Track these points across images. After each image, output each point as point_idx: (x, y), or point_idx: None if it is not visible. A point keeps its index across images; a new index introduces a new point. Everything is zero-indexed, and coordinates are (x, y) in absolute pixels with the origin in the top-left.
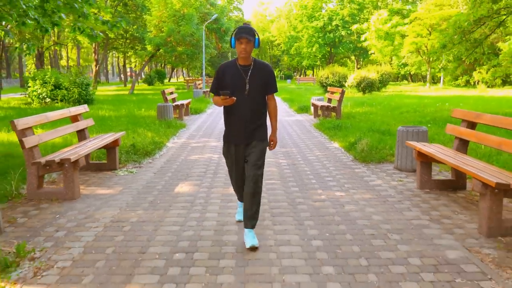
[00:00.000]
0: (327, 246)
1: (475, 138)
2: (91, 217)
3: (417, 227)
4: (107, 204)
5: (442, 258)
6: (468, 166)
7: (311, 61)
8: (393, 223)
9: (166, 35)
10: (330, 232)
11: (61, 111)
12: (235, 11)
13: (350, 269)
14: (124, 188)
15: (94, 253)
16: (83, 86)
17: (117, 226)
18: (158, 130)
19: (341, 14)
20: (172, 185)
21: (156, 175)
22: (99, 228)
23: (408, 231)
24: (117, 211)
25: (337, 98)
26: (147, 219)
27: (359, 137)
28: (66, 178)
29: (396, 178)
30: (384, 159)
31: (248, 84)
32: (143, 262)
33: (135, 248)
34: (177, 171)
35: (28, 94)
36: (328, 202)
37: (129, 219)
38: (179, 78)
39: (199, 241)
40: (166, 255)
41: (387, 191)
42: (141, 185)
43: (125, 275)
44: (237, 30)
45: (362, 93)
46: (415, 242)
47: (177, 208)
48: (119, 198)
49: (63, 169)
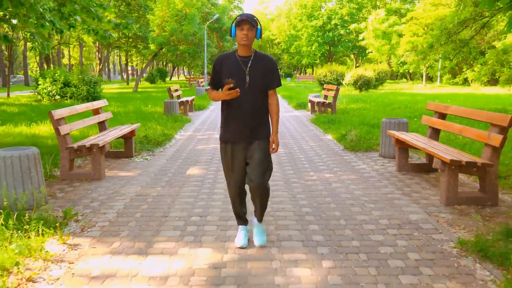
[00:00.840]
0: (314, 212)
1: (443, 127)
2: (118, 192)
3: (390, 199)
4: (130, 183)
5: (406, 219)
6: (433, 148)
7: (310, 60)
8: (371, 196)
9: (169, 34)
10: (317, 202)
11: (86, 105)
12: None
13: (331, 227)
14: (142, 172)
15: (126, 217)
16: (91, 84)
17: (141, 199)
18: (166, 124)
19: (340, 13)
20: (184, 169)
21: (168, 162)
22: (126, 200)
23: (381, 202)
24: (139, 188)
25: (332, 95)
26: (166, 193)
27: (349, 130)
28: (94, 161)
29: (379, 163)
30: (371, 148)
31: (248, 76)
32: (166, 222)
33: (158, 213)
34: (187, 158)
35: (38, 92)
36: (318, 181)
37: (150, 193)
38: (180, 76)
39: (210, 209)
40: (184, 218)
41: (370, 173)
42: (157, 169)
43: (153, 231)
44: (238, 17)
45: (359, 90)
46: (386, 209)
47: (189, 186)
48: (139, 179)
49: (92, 153)
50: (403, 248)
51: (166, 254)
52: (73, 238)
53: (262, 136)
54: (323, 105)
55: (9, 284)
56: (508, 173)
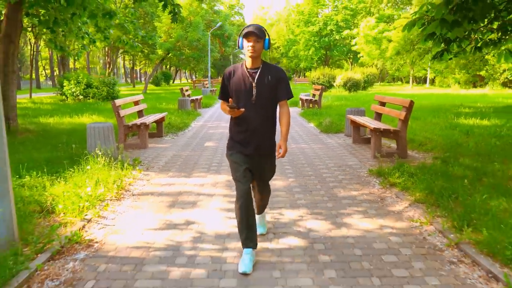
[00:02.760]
0: (290, 163)
1: (381, 110)
2: (161, 154)
3: (340, 155)
4: (166, 150)
5: (345, 164)
6: (369, 123)
7: (308, 63)
8: (328, 155)
9: (175, 40)
10: (293, 159)
11: (130, 98)
12: (236, 15)
13: (298, 169)
14: (173, 145)
15: (171, 164)
16: (111, 85)
17: (178, 156)
18: (182, 116)
19: (335, 20)
20: (201, 143)
21: (189, 139)
22: (168, 157)
23: (334, 157)
24: (174, 152)
25: (318, 93)
26: (193, 154)
27: (325, 118)
28: (142, 135)
29: (342, 139)
30: (339, 131)
31: (256, 88)
32: (197, 166)
33: (191, 162)
34: (203, 137)
35: (63, 92)
36: (296, 149)
37: (183, 154)
38: (182, 79)
39: (223, 163)
40: (207, 164)
41: (333, 144)
42: (183, 143)
43: (190, 169)
44: (245, 28)
45: (348, 91)
46: (335, 160)
47: (208, 151)
48: (172, 148)
49: (140, 129)
50: (338, 176)
51: (201, 177)
52: (144, 172)
53: (268, 152)
54: (311, 102)
55: (116, 189)
56: (414, 138)
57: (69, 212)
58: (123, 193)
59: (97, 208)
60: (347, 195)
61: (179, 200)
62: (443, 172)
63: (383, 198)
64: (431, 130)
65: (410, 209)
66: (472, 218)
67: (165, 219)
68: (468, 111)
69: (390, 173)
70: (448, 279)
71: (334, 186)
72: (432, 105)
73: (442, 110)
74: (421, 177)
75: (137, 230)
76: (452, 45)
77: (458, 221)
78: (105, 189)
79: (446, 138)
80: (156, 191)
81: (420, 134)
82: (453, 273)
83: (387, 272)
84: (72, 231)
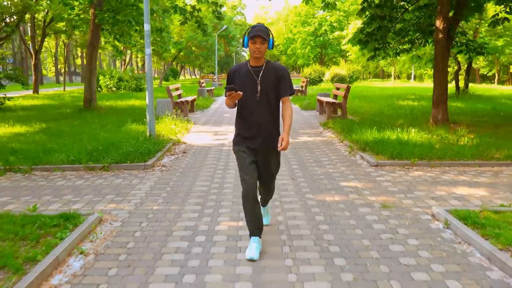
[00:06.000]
0: None
1: (336, 93)
2: (199, 118)
3: (307, 118)
4: (200, 118)
5: (308, 121)
6: (326, 99)
7: (305, 61)
8: (301, 118)
9: (186, 41)
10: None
11: (174, 85)
12: (238, 15)
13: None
14: (202, 116)
15: (207, 122)
16: (138, 79)
17: (209, 119)
18: (203, 101)
19: (329, 21)
20: (221, 115)
21: (213, 113)
22: (203, 120)
23: (302, 120)
24: (206, 118)
25: (304, 84)
26: (218, 119)
27: (305, 100)
28: (184, 108)
29: (313, 114)
30: (313, 108)
31: (260, 85)
32: (223, 122)
33: (218, 121)
34: (221, 112)
35: (100, 85)
36: None
37: (213, 119)
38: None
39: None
40: (229, 122)
41: (306, 116)
42: (209, 115)
43: (220, 123)
44: (251, 29)
45: None
46: (303, 120)
47: (227, 117)
48: (203, 116)
49: (183, 105)
50: (302, 126)
51: (226, 127)
52: (194, 126)
53: (274, 145)
54: (299, 91)
55: (185, 129)
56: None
57: (171, 134)
58: (188, 131)
59: (180, 134)
60: (304, 132)
61: (217, 135)
62: (356, 122)
63: (321, 132)
64: (372, 106)
65: (330, 134)
66: (352, 133)
67: (211, 139)
68: (412, 97)
69: (329, 123)
70: (339, 156)
71: (300, 129)
72: (391, 94)
73: (395, 96)
74: (343, 124)
75: (200, 141)
76: (379, 52)
77: (347, 134)
78: (181, 127)
79: (376, 110)
80: (204, 131)
81: (363, 108)
82: (342, 154)
83: (312, 152)
84: (176, 138)
